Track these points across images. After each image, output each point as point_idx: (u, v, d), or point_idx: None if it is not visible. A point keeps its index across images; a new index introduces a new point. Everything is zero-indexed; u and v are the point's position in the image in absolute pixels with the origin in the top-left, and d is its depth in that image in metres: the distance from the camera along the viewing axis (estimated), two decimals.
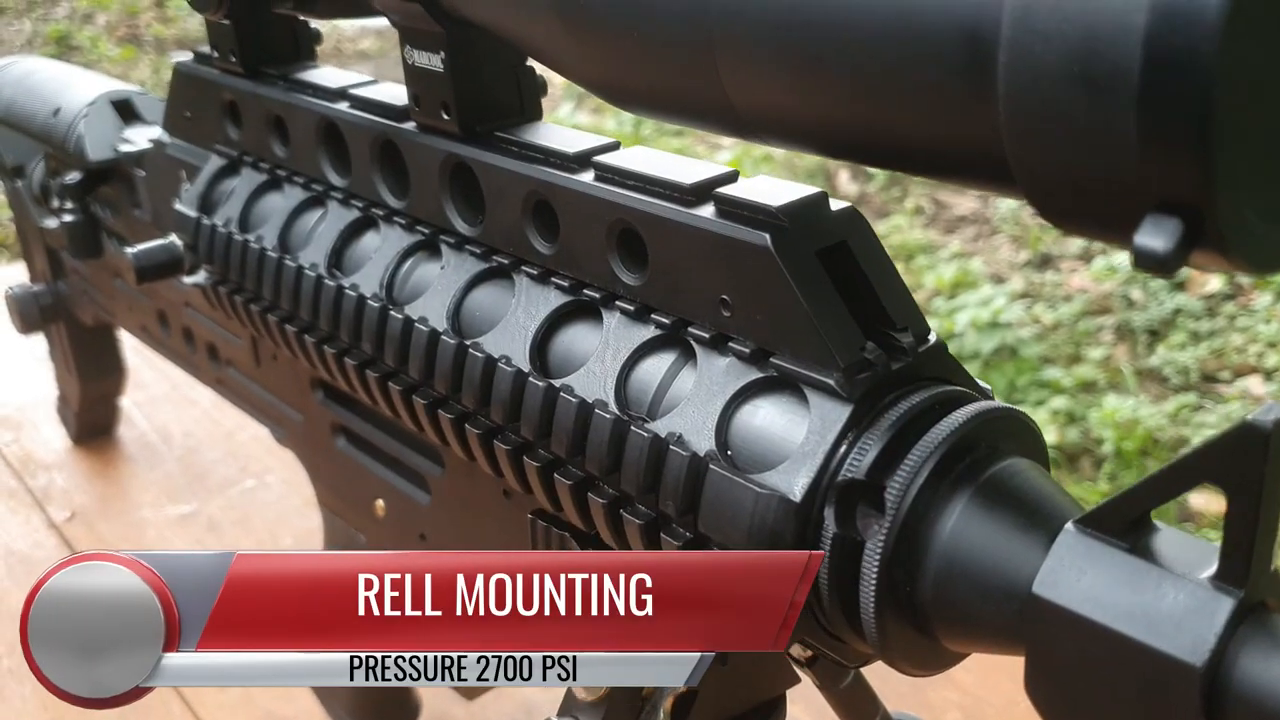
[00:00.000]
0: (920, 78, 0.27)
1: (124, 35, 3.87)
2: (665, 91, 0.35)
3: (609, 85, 0.37)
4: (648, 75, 0.34)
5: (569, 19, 0.35)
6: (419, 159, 0.49)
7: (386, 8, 0.46)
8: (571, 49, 0.37)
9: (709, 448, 0.37)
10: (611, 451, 0.39)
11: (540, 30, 0.38)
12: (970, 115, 0.27)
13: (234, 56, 0.60)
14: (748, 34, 0.30)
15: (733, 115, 0.33)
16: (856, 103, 0.29)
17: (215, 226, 0.59)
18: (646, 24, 0.33)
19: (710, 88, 0.32)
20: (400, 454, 0.58)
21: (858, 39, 0.28)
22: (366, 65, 3.54)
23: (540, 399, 0.42)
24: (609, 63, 0.35)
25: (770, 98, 0.31)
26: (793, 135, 0.33)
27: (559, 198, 0.43)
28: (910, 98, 0.28)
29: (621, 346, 0.41)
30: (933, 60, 0.27)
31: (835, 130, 0.31)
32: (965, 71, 0.26)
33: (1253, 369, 2.04)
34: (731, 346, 0.38)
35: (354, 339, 0.51)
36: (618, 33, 0.34)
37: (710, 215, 0.38)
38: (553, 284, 0.44)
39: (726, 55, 0.31)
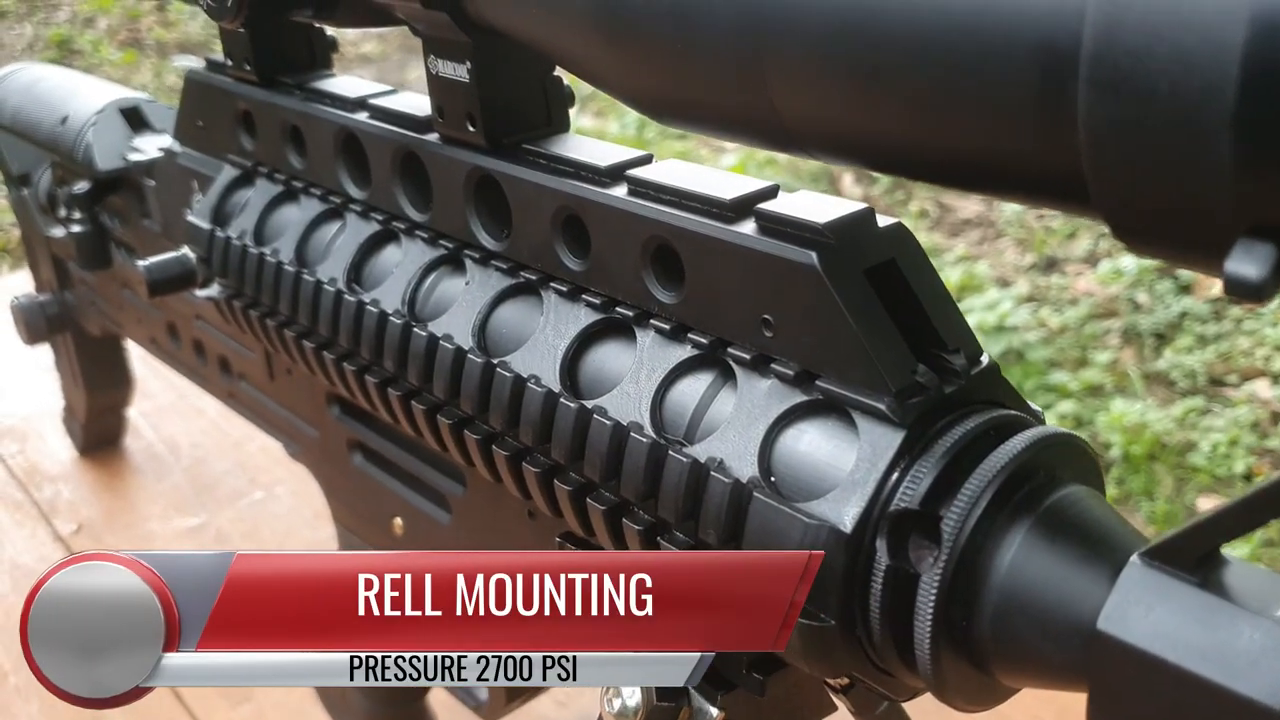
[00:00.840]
0: (989, 94, 0.26)
1: (125, 39, 3.86)
2: (708, 105, 0.33)
3: (646, 98, 0.35)
4: (690, 88, 0.33)
5: (608, 30, 0.34)
6: (443, 172, 0.48)
7: (410, 16, 0.45)
8: (608, 61, 0.35)
9: (752, 474, 0.35)
10: (648, 476, 0.38)
11: (575, 41, 0.36)
12: (1044, 133, 0.25)
13: (249, 65, 0.58)
14: (800, 46, 0.29)
15: (780, 129, 0.31)
16: (916, 119, 0.28)
17: (229, 239, 0.58)
18: (691, 36, 0.32)
19: (757, 101, 0.31)
20: (420, 472, 0.57)
21: (920, 52, 0.26)
22: (368, 69, 3.53)
23: (572, 421, 0.40)
24: (648, 75, 0.34)
25: (822, 112, 0.30)
26: (844, 150, 0.31)
27: (590, 213, 0.41)
28: (977, 115, 0.26)
29: (656, 366, 0.39)
30: (1004, 76, 0.25)
31: (891, 146, 0.29)
32: (1040, 88, 0.25)
33: (1260, 372, 2.03)
34: (774, 368, 0.36)
35: (375, 356, 0.49)
36: (659, 45, 0.33)
37: (752, 232, 0.37)
38: (583, 301, 0.43)
39: (776, 68, 0.30)
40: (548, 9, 0.36)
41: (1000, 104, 0.26)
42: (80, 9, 3.99)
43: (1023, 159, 0.26)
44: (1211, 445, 1.83)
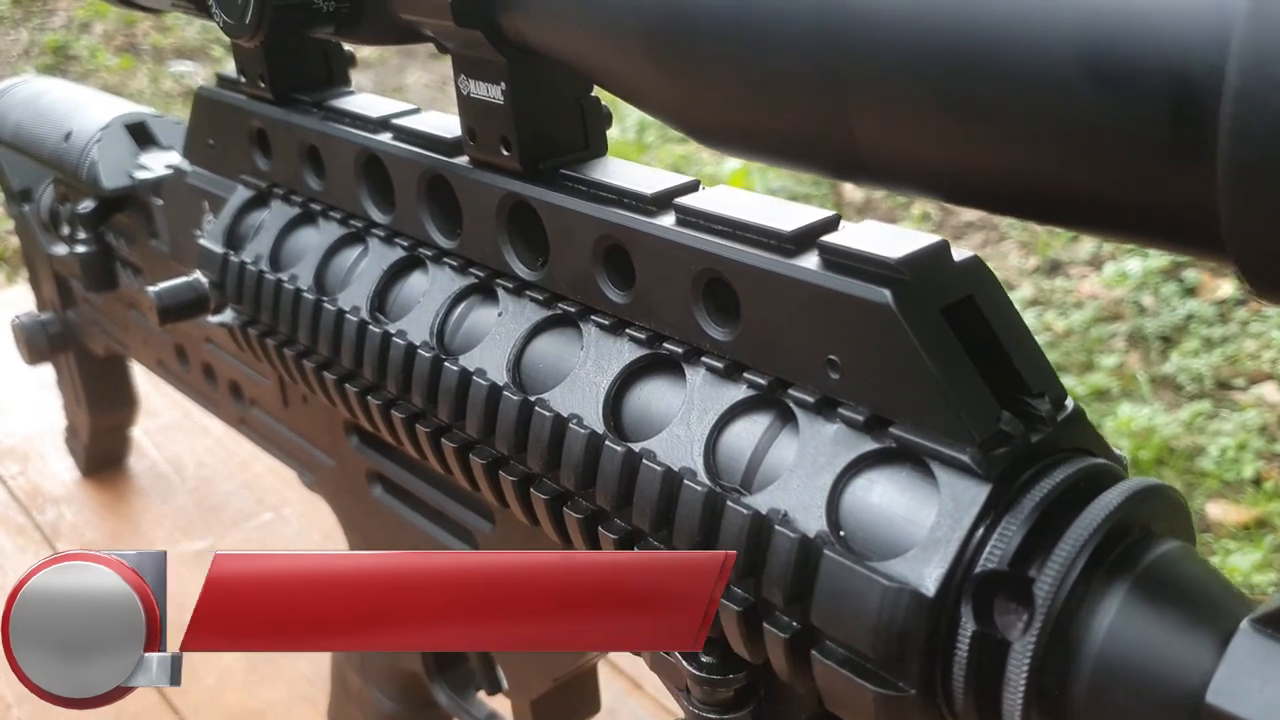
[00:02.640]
0: (1110, 129, 0.23)
1: (121, 45, 3.83)
2: (774, 133, 0.31)
3: (703, 124, 0.33)
4: (754, 116, 0.31)
5: (665, 55, 0.31)
6: (474, 197, 0.45)
7: (441, 35, 0.42)
8: (662, 85, 0.33)
9: (820, 528, 0.33)
10: (704, 527, 0.35)
11: (626, 64, 0.34)
12: (1173, 172, 0.23)
13: (263, 82, 0.56)
14: (887, 73, 0.26)
15: (856, 160, 0.29)
16: (1021, 154, 0.25)
17: (244, 264, 0.55)
18: (761, 62, 0.29)
19: (833, 131, 0.29)
20: (444, 506, 0.54)
21: (1031, 83, 0.24)
22: (366, 73, 3.51)
23: (619, 465, 0.38)
24: (707, 102, 0.32)
25: (909, 144, 0.27)
26: (932, 185, 0.29)
27: (636, 243, 0.39)
28: (1095, 151, 0.24)
29: (709, 407, 0.37)
30: (1129, 111, 0.23)
31: (989, 182, 0.27)
32: (1172, 124, 0.22)
33: (1267, 375, 2.01)
34: (841, 413, 0.34)
35: (402, 390, 0.47)
36: (723, 71, 0.30)
37: (816, 267, 0.34)
38: (626, 335, 0.40)
39: (859, 96, 0.27)
40: (597, 30, 0.34)
41: (1123, 140, 0.23)
42: (76, 14, 3.96)
43: (1145, 198, 0.24)
44: (1220, 450, 1.81)
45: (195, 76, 3.56)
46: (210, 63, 3.64)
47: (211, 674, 0.85)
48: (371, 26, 0.46)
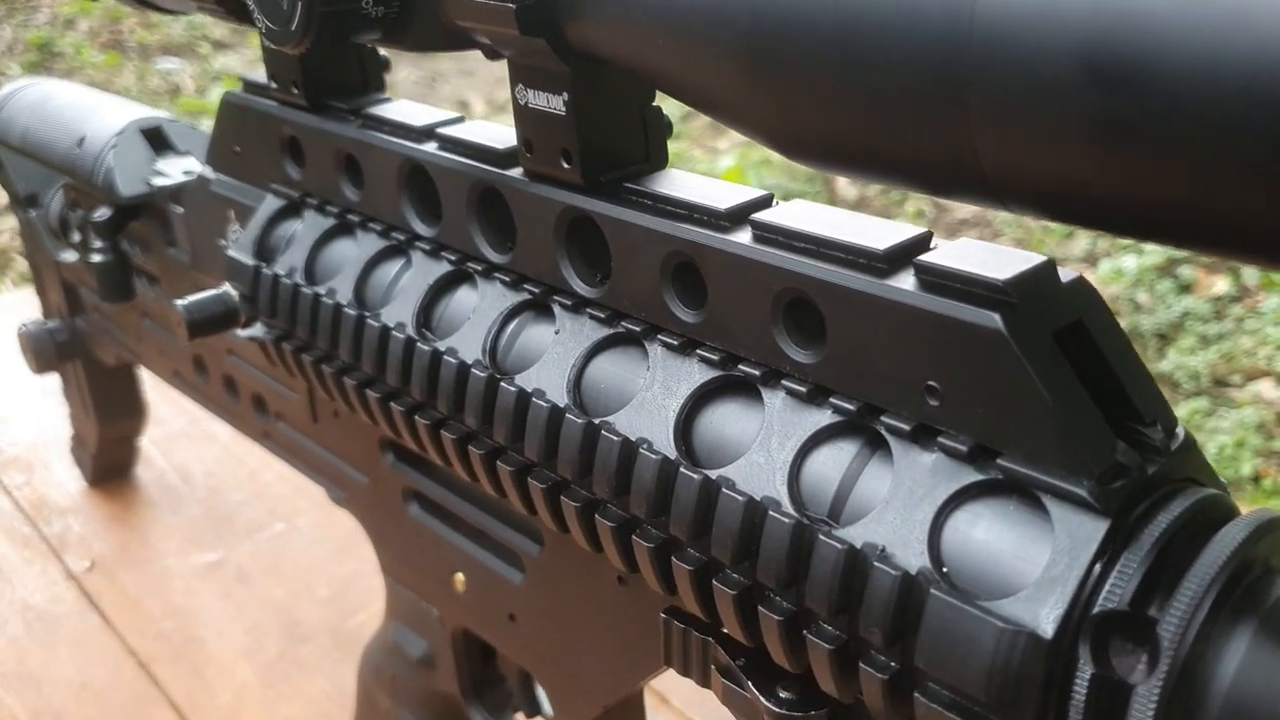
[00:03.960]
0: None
1: (107, 41, 3.80)
2: (884, 150, 0.29)
3: (800, 140, 0.31)
4: (862, 132, 0.29)
5: (765, 68, 0.30)
6: (530, 211, 0.43)
7: (501, 43, 0.40)
8: (757, 99, 0.31)
9: (921, 564, 0.31)
10: (792, 562, 0.34)
11: (714, 77, 0.32)
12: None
13: (296, 88, 0.54)
14: (1024, 89, 0.25)
15: (978, 180, 0.28)
16: (1185, 181, 0.24)
17: (278, 277, 0.53)
18: (873, 75, 0.28)
19: (952, 148, 0.27)
20: (487, 526, 0.53)
21: (1198, 101, 0.22)
22: None
23: (695, 493, 0.36)
24: (808, 117, 0.30)
25: (1045, 165, 0.26)
26: (1069, 209, 0.27)
27: (709, 260, 0.37)
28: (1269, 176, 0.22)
29: (790, 433, 0.35)
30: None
31: (1141, 210, 0.25)
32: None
33: (1264, 372, 2.01)
34: (941, 442, 0.32)
35: (454, 410, 0.45)
36: (829, 85, 0.29)
37: (912, 288, 0.32)
38: (697, 356, 0.39)
39: (985, 113, 0.26)
40: (684, 41, 0.32)
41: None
42: (61, 11, 3.92)
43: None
44: (1218, 448, 1.81)
45: (182, 74, 3.53)
46: (197, 60, 3.60)
47: (228, 690, 0.83)
48: (419, 33, 0.44)
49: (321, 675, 0.83)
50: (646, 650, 0.46)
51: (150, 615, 0.89)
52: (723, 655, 0.39)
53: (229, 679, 0.83)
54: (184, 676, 0.84)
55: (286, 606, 0.90)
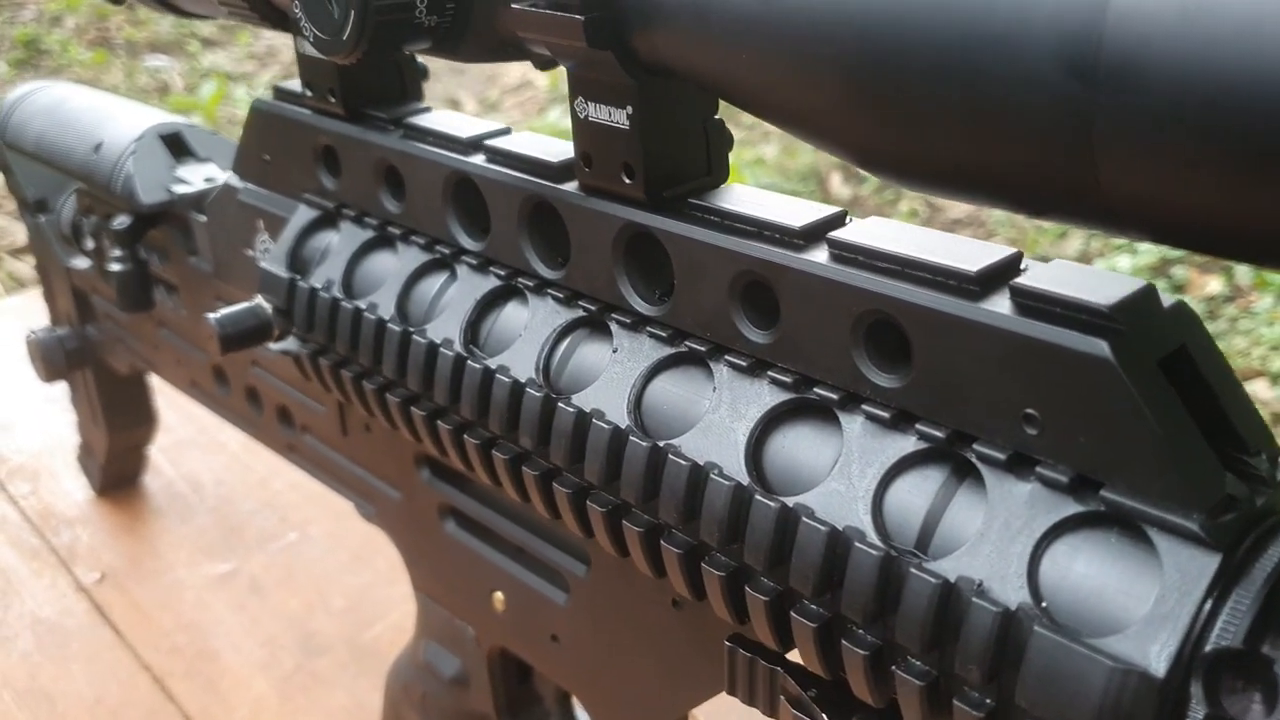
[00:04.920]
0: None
1: (94, 39, 3.77)
2: (993, 173, 0.28)
3: (899, 161, 0.30)
4: (970, 154, 0.28)
5: (866, 87, 0.29)
6: (587, 226, 0.42)
7: (564, 55, 0.39)
8: (854, 118, 0.30)
9: (1021, 600, 0.30)
10: (879, 595, 0.33)
11: (804, 93, 0.31)
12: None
13: (333, 97, 0.53)
14: (1154, 112, 0.24)
15: (1096, 204, 0.26)
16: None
17: (316, 290, 0.52)
18: (986, 96, 0.26)
19: (1071, 172, 0.26)
20: (530, 545, 0.51)
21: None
22: None
23: (772, 522, 0.35)
24: (911, 137, 0.29)
25: (1177, 193, 0.25)
26: (1197, 237, 0.26)
27: (784, 280, 0.36)
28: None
29: (871, 460, 0.34)
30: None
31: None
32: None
33: (1258, 373, 2.01)
34: (1039, 472, 0.31)
35: (506, 430, 0.44)
36: (938, 105, 0.28)
37: (1009, 313, 0.31)
38: (767, 378, 0.37)
39: (1112, 139, 0.25)
40: (773, 56, 0.31)
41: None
42: (47, 8, 3.89)
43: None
44: None
45: (171, 72, 3.50)
46: (186, 57, 3.58)
47: (244, 705, 0.81)
48: (472, 43, 0.43)
49: (340, 689, 0.82)
50: (700, 675, 0.45)
51: (163, 628, 0.88)
52: (793, 685, 0.38)
53: (245, 693, 0.82)
54: (199, 691, 0.82)
55: (301, 618, 0.88)
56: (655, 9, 0.35)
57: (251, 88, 3.27)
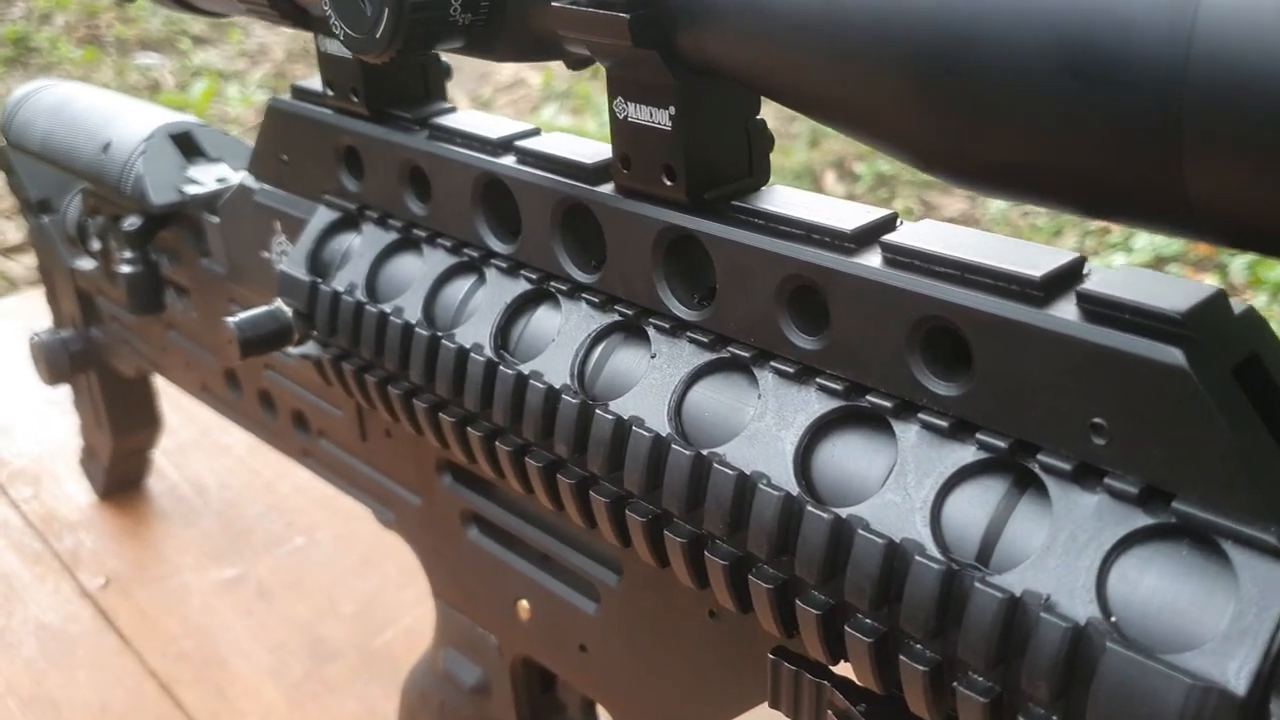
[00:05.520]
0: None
1: (84, 36, 3.74)
2: (1068, 176, 0.27)
3: (967, 163, 0.29)
4: (1046, 158, 0.27)
5: (935, 87, 0.28)
6: (624, 229, 0.41)
7: (602, 54, 0.38)
8: (917, 118, 0.29)
9: (1090, 614, 0.29)
10: (942, 609, 0.32)
11: (866, 94, 0.30)
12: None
13: (356, 96, 0.52)
14: (1252, 113, 0.23)
15: (1180, 210, 0.26)
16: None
17: (339, 294, 0.51)
18: (1066, 96, 0.26)
19: (1155, 178, 0.25)
20: (557, 552, 0.50)
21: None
22: None
23: (825, 534, 0.34)
24: (983, 140, 0.28)
25: (1268, 198, 0.24)
26: None
27: (835, 285, 0.35)
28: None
29: (929, 470, 0.33)
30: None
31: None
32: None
33: None
34: (1107, 483, 0.30)
35: (540, 437, 0.43)
36: (1013, 107, 0.27)
37: (1076, 319, 0.31)
38: (815, 385, 0.37)
39: (1202, 144, 0.24)
40: (834, 56, 0.30)
41: None
42: (36, 5, 3.86)
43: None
44: None
45: (162, 69, 3.48)
46: (177, 55, 3.55)
47: (254, 713, 0.80)
48: (506, 42, 0.42)
49: (351, 696, 0.81)
50: (737, 687, 0.44)
51: (170, 634, 0.87)
52: (840, 699, 0.37)
53: (254, 701, 0.81)
54: (208, 698, 0.81)
55: (310, 624, 0.87)
56: (705, 7, 0.34)
57: (243, 86, 3.25)
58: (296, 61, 3.55)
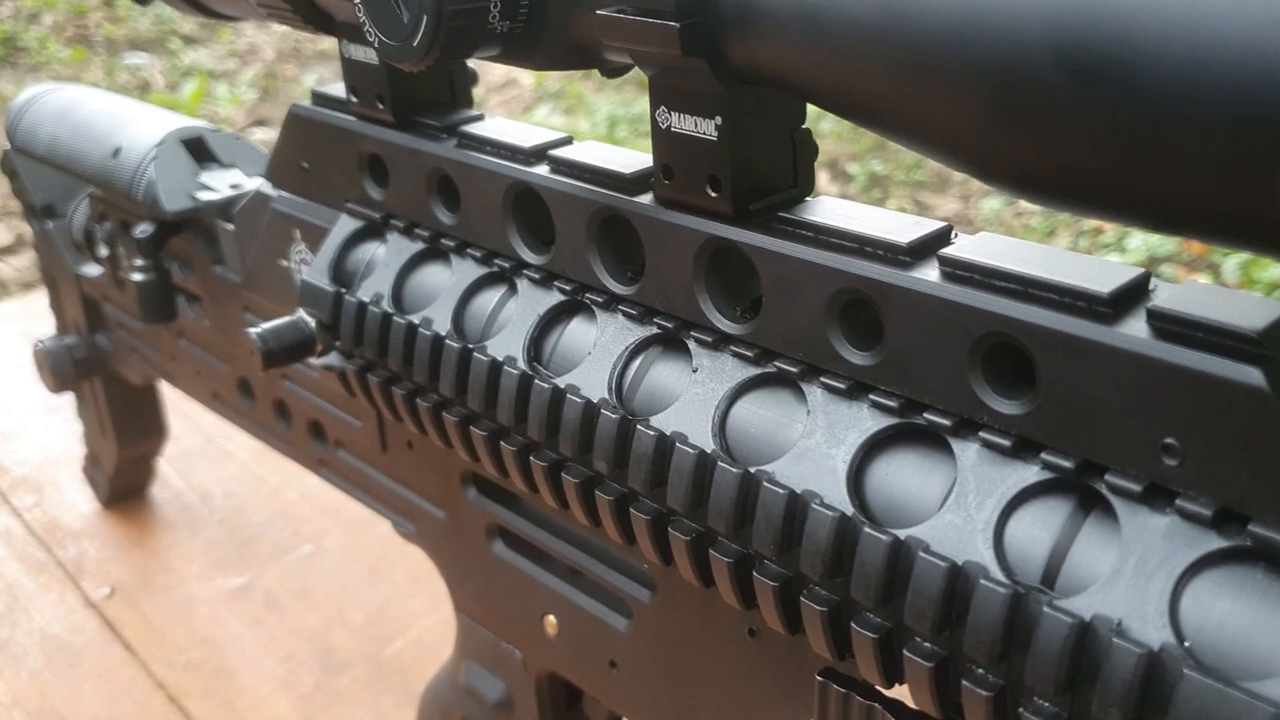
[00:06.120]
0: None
1: (72, 36, 3.72)
2: (1156, 195, 0.26)
3: (1044, 181, 0.29)
4: (1133, 177, 0.26)
5: (1012, 103, 0.27)
6: (665, 241, 0.40)
7: (647, 62, 0.37)
8: (991, 134, 0.28)
9: (1165, 640, 0.29)
10: (1008, 634, 0.31)
11: (932, 105, 0.29)
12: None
13: (382, 103, 0.51)
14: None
15: (1275, 227, 0.25)
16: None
17: (364, 304, 0.50)
18: (1153, 112, 0.25)
19: (1253, 198, 0.25)
20: (587, 568, 0.50)
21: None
22: (327, 65, 3.42)
23: (883, 557, 0.33)
24: (1064, 158, 0.27)
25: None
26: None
27: (892, 300, 0.35)
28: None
29: (990, 491, 0.33)
30: None
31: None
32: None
33: None
34: (1179, 505, 0.30)
35: (579, 453, 0.42)
36: (1096, 124, 0.26)
37: (1147, 337, 0.30)
38: (868, 401, 0.36)
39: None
40: (907, 70, 0.29)
41: None
42: (24, 4, 3.84)
43: None
44: None
45: (151, 69, 3.46)
46: (166, 55, 3.53)
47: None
48: (545, 49, 0.41)
49: (363, 708, 0.80)
50: (776, 707, 0.43)
51: (177, 645, 0.86)
52: None
53: (265, 713, 0.80)
54: (217, 711, 0.80)
55: (320, 634, 0.86)
56: (760, 16, 0.33)
57: (234, 85, 3.23)
58: (287, 61, 3.54)
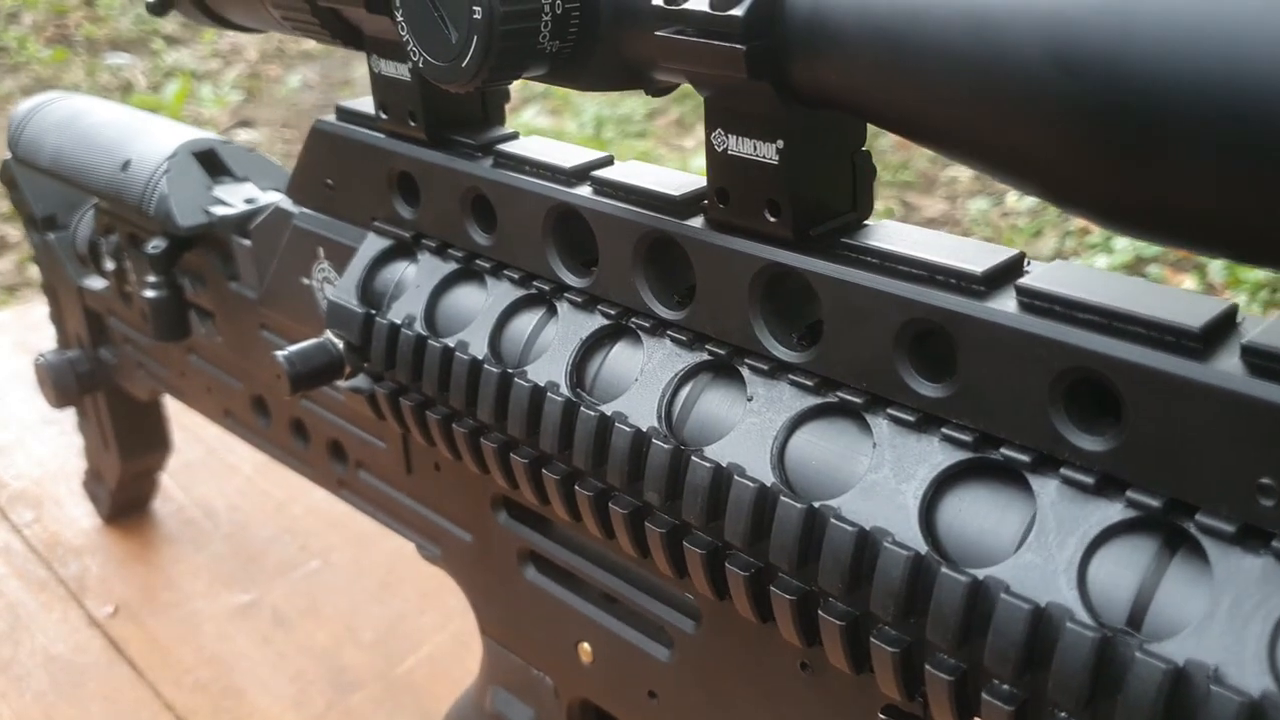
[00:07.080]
0: None
1: (53, 36, 3.68)
2: (1259, 228, 0.26)
3: (1143, 214, 0.28)
4: (1240, 210, 0.25)
5: (1105, 128, 0.26)
6: (718, 266, 0.39)
7: (707, 84, 0.36)
8: (1085, 167, 0.27)
9: (1265, 687, 0.28)
10: (1095, 679, 0.30)
11: (1018, 133, 0.28)
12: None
13: (414, 120, 0.49)
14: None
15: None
16: None
17: (396, 326, 0.49)
18: (1256, 143, 0.24)
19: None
20: (626, 596, 0.48)
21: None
22: (311, 66, 3.39)
23: (961, 599, 0.32)
24: (1161, 186, 0.26)
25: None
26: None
27: (967, 331, 0.34)
28: None
29: (1072, 529, 0.32)
30: None
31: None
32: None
33: None
34: (1275, 547, 0.29)
35: (627, 483, 0.41)
36: (1199, 157, 0.25)
37: (1242, 374, 0.29)
38: (939, 435, 0.35)
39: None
40: (992, 92, 0.28)
41: None
42: (4, 4, 3.80)
43: None
44: None
45: (133, 69, 3.42)
46: (149, 55, 3.50)
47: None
48: (594, 70, 0.40)
49: (374, 717, 0.78)
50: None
51: (184, 664, 0.84)
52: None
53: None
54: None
55: (330, 652, 0.85)
56: (832, 39, 0.32)
57: (217, 86, 3.21)
58: (270, 61, 3.51)
